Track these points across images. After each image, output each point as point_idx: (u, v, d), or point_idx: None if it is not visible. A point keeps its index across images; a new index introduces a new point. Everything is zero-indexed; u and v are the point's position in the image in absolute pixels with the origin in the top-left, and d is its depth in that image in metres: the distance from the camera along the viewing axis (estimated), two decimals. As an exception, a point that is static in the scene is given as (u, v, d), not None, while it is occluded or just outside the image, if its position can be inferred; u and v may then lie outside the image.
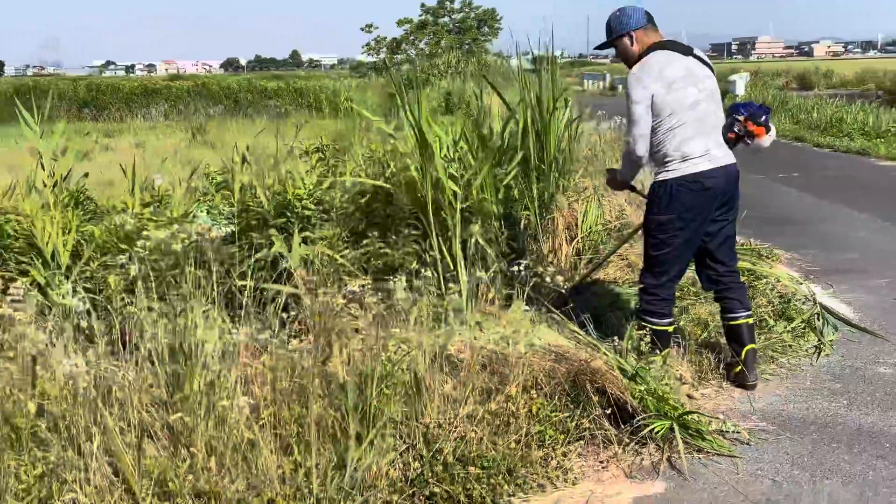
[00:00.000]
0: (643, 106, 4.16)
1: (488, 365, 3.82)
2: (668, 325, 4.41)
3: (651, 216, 4.35)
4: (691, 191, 4.16)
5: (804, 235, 8.09)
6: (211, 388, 3.11)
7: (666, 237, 4.28)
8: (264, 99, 36.58)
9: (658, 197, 4.27)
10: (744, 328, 4.46)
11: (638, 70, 4.24)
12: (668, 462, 3.65)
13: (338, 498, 3.07)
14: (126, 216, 4.58)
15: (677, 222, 4.23)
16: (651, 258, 4.41)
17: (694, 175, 4.15)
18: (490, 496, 3.29)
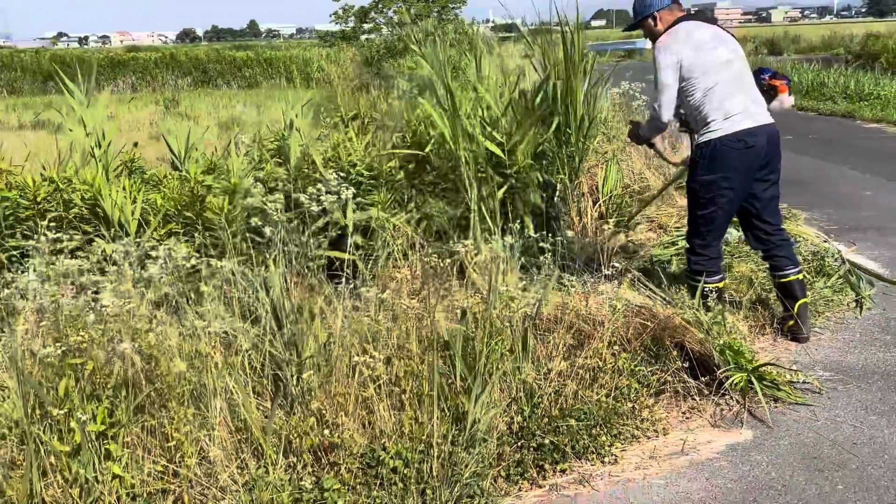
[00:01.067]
0: (671, 71, 4.27)
1: (574, 323, 3.93)
2: (718, 281, 4.49)
3: (696, 177, 4.41)
4: (735, 149, 4.23)
5: (814, 195, 8.28)
6: (329, 346, 3.18)
7: (711, 196, 4.36)
8: (234, 69, 36.09)
9: (703, 158, 4.35)
10: (795, 284, 4.57)
11: (664, 37, 4.36)
12: (749, 412, 3.79)
13: (456, 450, 3.16)
14: (189, 183, 4.58)
15: (722, 182, 4.30)
16: (697, 218, 4.48)
17: (736, 133, 4.22)
18: (594, 446, 3.41)
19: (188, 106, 22.22)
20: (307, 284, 3.51)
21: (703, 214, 4.44)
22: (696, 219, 4.50)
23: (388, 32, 37.95)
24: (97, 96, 5.35)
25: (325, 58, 34.62)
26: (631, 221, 6.10)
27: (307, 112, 5.86)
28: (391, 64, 19.82)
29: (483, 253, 3.73)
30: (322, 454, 3.09)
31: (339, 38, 43.88)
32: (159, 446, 2.88)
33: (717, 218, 4.43)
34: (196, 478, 2.86)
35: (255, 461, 3.00)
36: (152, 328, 2.78)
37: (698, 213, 4.47)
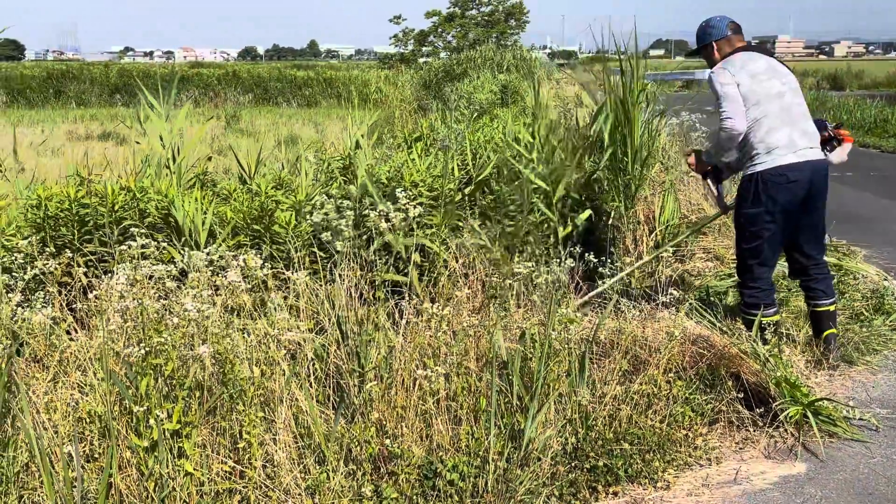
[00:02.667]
0: (732, 87, 4.33)
1: (631, 349, 3.98)
2: (773, 314, 4.56)
3: (741, 211, 4.50)
4: (777, 184, 4.31)
5: (875, 233, 8.19)
6: (390, 360, 3.28)
7: (756, 230, 4.44)
8: (294, 88, 36.73)
9: (747, 191, 4.43)
10: (824, 315, 4.69)
11: (721, 63, 4.50)
12: (803, 445, 3.79)
13: (511, 467, 3.23)
14: (258, 198, 4.75)
15: (765, 216, 4.38)
16: (745, 252, 4.56)
17: (779, 168, 4.31)
18: (646, 471, 3.45)
19: (248, 122, 22.71)
20: (370, 299, 3.62)
21: (749, 248, 4.53)
22: (743, 252, 4.58)
23: (446, 56, 38.41)
24: (176, 111, 5.57)
25: (383, 79, 35.07)
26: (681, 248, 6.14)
27: (371, 132, 6.01)
28: (450, 87, 20.06)
29: (542, 275, 3.81)
30: (381, 463, 3.19)
31: (397, 61, 44.58)
32: (228, 447, 3.00)
33: (763, 251, 4.49)
34: (261, 479, 2.97)
35: (317, 467, 3.10)
36: (228, 333, 2.91)
37: (744, 246, 4.56)
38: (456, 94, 16.43)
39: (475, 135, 6.93)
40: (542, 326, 3.46)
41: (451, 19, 44.47)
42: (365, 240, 4.65)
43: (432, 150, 6.83)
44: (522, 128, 6.75)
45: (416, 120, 15.98)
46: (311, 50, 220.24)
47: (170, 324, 2.85)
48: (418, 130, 6.71)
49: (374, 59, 64.19)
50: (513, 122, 7.27)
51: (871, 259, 7.18)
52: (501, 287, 3.60)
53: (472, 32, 43.47)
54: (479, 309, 3.69)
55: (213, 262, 3.45)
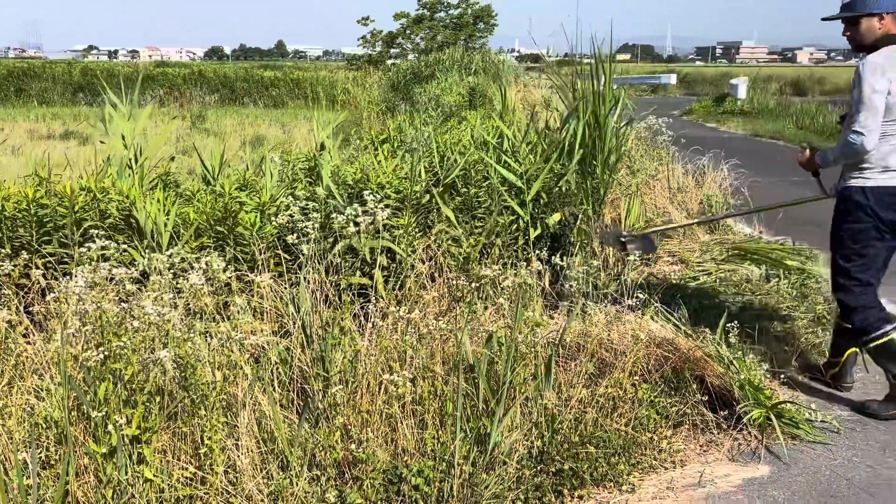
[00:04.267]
0: (882, 97, 3.84)
1: (597, 352, 3.98)
2: (892, 331, 4.05)
3: (844, 225, 4.09)
4: (884, 203, 3.96)
5: (836, 237, 8.28)
6: (355, 364, 3.25)
7: (859, 248, 4.05)
8: (260, 88, 36.52)
9: (854, 204, 4.02)
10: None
11: (878, 57, 3.90)
12: (766, 448, 3.82)
13: (476, 471, 3.22)
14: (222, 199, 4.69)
15: (873, 232, 4.01)
16: (845, 271, 4.13)
17: (890, 188, 3.95)
18: (612, 474, 3.45)
19: (214, 122, 22.51)
20: (336, 302, 3.58)
21: (849, 267, 4.11)
22: (844, 272, 4.14)
23: (414, 58, 38.36)
24: (140, 110, 5.49)
25: (351, 80, 34.98)
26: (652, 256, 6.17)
27: (337, 134, 5.97)
28: (418, 89, 20.02)
29: (509, 278, 3.79)
30: (346, 468, 3.15)
31: (365, 62, 44.46)
32: (189, 453, 2.95)
33: (866, 268, 4.08)
34: (223, 485, 2.92)
35: (281, 472, 3.06)
36: (189, 337, 2.86)
37: (845, 265, 4.13)
38: (424, 97, 16.40)
39: (443, 137, 6.92)
40: (508, 330, 3.45)
41: (419, 21, 44.45)
42: (330, 242, 4.62)
43: (399, 151, 6.80)
44: (504, 125, 6.75)
45: (384, 121, 15.93)
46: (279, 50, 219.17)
47: (130, 327, 2.79)
48: (385, 132, 6.67)
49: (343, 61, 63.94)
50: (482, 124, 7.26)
51: (833, 262, 7.28)
52: (468, 289, 3.59)
53: (440, 35, 43.50)
54: (446, 312, 3.67)
55: (174, 265, 3.39)
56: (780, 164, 13.90)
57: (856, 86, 3.90)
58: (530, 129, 6.46)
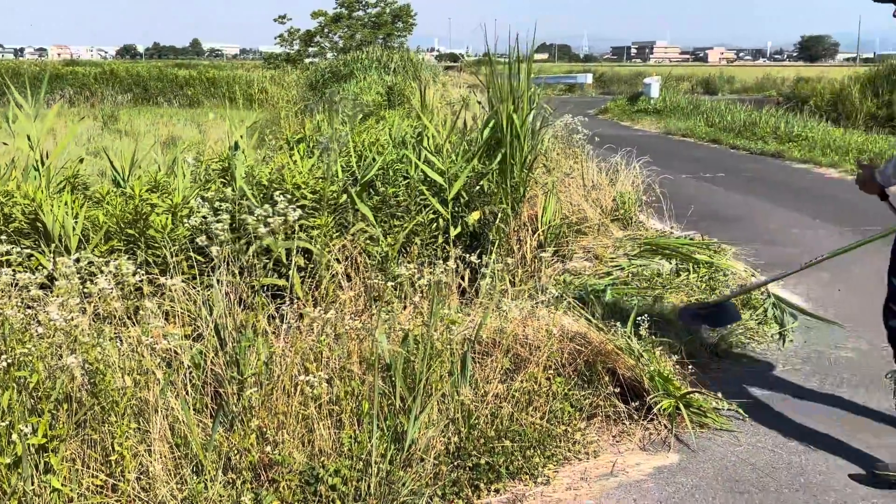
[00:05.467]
0: None
1: (512, 347, 4.05)
2: None
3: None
4: None
5: (744, 231, 8.59)
6: (271, 365, 3.24)
7: None
8: (175, 87, 35.78)
9: None
10: None
11: None
12: (676, 437, 3.95)
13: (394, 469, 3.24)
14: (133, 201, 4.60)
15: None
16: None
17: None
18: (527, 467, 3.52)
19: (127, 122, 21.96)
20: (250, 304, 3.56)
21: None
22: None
23: (333, 57, 38.14)
24: (47, 110, 5.34)
25: (269, 79, 34.57)
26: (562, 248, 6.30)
27: (252, 133, 5.91)
28: (336, 88, 19.95)
29: (425, 276, 3.83)
30: (262, 471, 3.14)
31: (283, 61, 44.04)
32: (99, 460, 2.90)
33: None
34: (135, 492, 2.88)
35: (195, 477, 3.02)
36: (98, 342, 2.81)
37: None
38: (342, 96, 16.34)
39: (361, 136, 6.91)
40: (424, 328, 3.48)
41: (337, 20, 44.26)
42: (244, 243, 4.57)
43: (316, 151, 6.77)
44: (429, 123, 6.78)
45: (302, 121, 15.81)
46: (194, 49, 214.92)
47: (34, 333, 2.72)
48: (301, 132, 6.63)
49: (260, 59, 63.09)
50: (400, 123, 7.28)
51: (740, 256, 7.54)
52: (385, 288, 3.61)
53: (358, 34, 43.43)
54: (363, 311, 3.69)
55: (81, 269, 3.31)
56: (690, 162, 14.32)
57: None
58: (454, 127, 6.50)
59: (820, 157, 14.06)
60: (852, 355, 5.08)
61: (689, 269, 6.43)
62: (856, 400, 4.40)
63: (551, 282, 6.17)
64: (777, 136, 16.59)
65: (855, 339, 5.34)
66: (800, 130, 16.43)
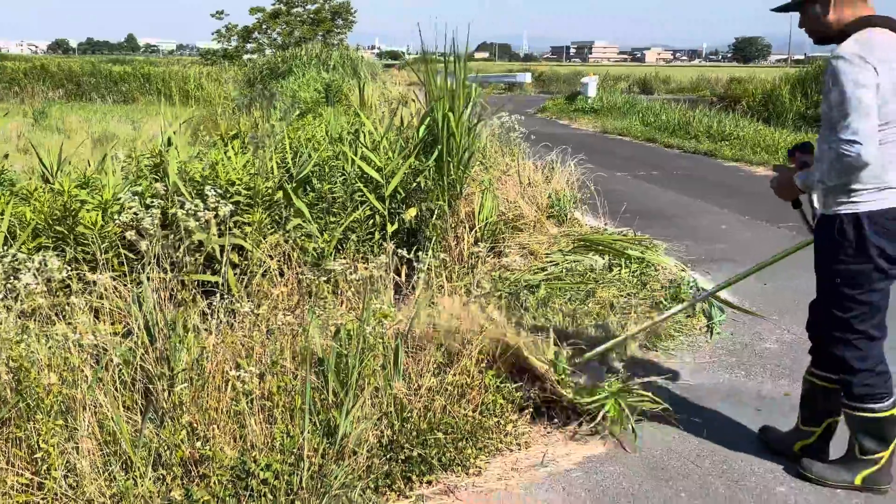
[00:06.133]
0: (872, 92, 2.99)
1: (445, 341, 4.09)
2: (890, 408, 3.31)
3: (835, 267, 3.24)
4: (887, 230, 3.15)
5: (676, 228, 8.79)
6: (202, 361, 3.23)
7: (858, 293, 3.22)
8: (109, 83, 35.04)
9: (846, 240, 3.19)
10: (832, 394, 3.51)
11: (854, 45, 3.07)
12: (603, 429, 4.04)
13: (326, 462, 3.26)
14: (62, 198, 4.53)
15: (874, 273, 3.18)
16: (842, 323, 3.28)
17: (893, 210, 3.15)
18: (459, 458, 3.57)
19: (59, 119, 21.47)
20: (181, 300, 3.54)
21: (848, 318, 3.26)
22: (841, 323, 3.29)
23: (271, 53, 37.78)
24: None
25: (205, 76, 34.10)
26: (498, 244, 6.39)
27: (186, 129, 5.86)
28: (275, 85, 19.78)
29: (359, 271, 3.85)
30: (192, 466, 3.13)
31: (221, 57, 43.45)
32: (25, 459, 2.86)
33: (871, 318, 3.27)
34: (62, 490, 2.85)
35: (124, 474, 3.00)
36: (23, 339, 2.77)
37: (842, 315, 3.27)
38: (280, 92, 16.22)
39: (296, 132, 6.89)
40: (357, 322, 3.51)
41: (276, 16, 43.85)
42: (177, 239, 4.54)
43: (251, 147, 6.73)
44: (367, 120, 6.79)
45: (239, 118, 15.66)
46: (129, 44, 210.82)
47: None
48: (236, 128, 6.59)
49: (197, 56, 62.13)
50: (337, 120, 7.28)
51: (672, 252, 7.71)
52: (318, 283, 3.62)
53: (297, 30, 43.09)
54: (296, 307, 3.69)
55: (6, 266, 3.26)
56: (625, 160, 14.58)
57: (832, 85, 3.06)
58: (391, 124, 6.53)
59: (751, 155, 14.43)
60: (776, 347, 5.25)
61: (622, 264, 6.57)
62: (779, 389, 4.56)
63: (487, 278, 6.24)
64: (710, 136, 16.98)
65: (780, 331, 5.52)
66: (732, 130, 16.84)
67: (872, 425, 3.32)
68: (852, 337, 3.27)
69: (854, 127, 2.96)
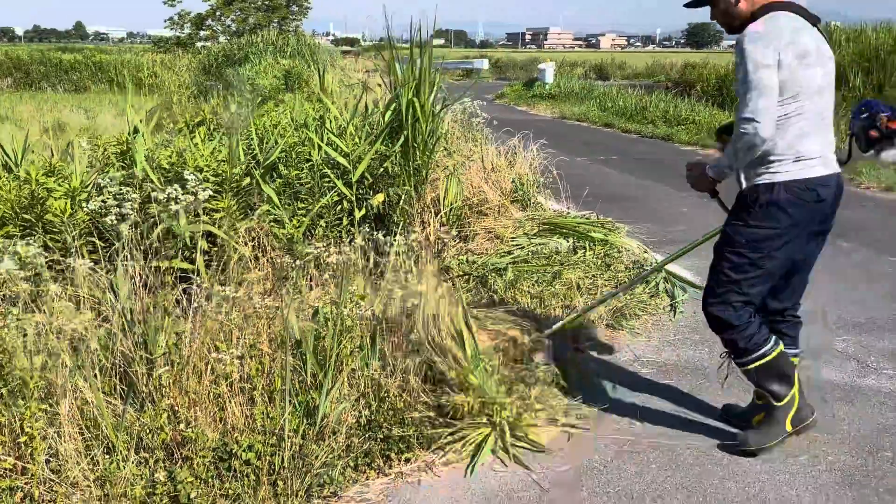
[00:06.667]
0: (772, 71, 3.12)
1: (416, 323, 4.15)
2: (774, 346, 3.51)
3: (743, 229, 3.39)
4: (801, 200, 3.28)
5: (637, 211, 8.95)
6: (180, 345, 3.25)
7: (758, 257, 3.38)
8: (59, 72, 34.40)
9: (757, 205, 3.34)
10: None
11: (763, 27, 3.20)
12: (576, 403, 4.14)
13: (306, 443, 3.31)
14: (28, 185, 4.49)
15: (776, 240, 3.34)
16: (732, 283, 3.45)
17: (807, 181, 3.27)
18: (436, 436, 3.65)
19: (9, 108, 21.06)
20: (155, 285, 3.56)
21: (739, 279, 3.43)
22: (730, 282, 3.46)
23: (225, 41, 37.34)
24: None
25: (159, 64, 33.62)
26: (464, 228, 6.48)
27: (151, 117, 5.83)
28: (231, 72, 19.60)
29: (333, 255, 3.90)
30: (175, 449, 3.16)
31: (174, 45, 42.79)
32: (8, 444, 2.86)
33: (757, 283, 3.45)
34: (46, 475, 2.86)
35: (107, 458, 3.03)
36: (7, 324, 2.78)
37: (734, 276, 3.44)
38: (237, 79, 16.09)
39: (261, 119, 6.88)
40: (334, 305, 3.55)
41: (230, 2, 43.25)
42: (150, 226, 4.53)
43: (216, 134, 6.70)
44: (332, 106, 6.79)
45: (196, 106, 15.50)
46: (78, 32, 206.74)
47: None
48: (200, 115, 6.56)
49: (149, 43, 61.11)
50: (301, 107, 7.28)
51: (634, 234, 7.84)
52: (294, 267, 3.66)
53: (252, 17, 42.60)
54: (272, 291, 3.73)
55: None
56: (585, 145, 14.74)
57: (739, 65, 3.19)
58: (356, 110, 6.56)
59: (707, 139, 14.68)
60: (737, 324, 5.40)
61: (586, 246, 6.69)
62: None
63: (455, 261, 6.32)
64: (666, 120, 17.22)
65: (739, 308, 5.67)
66: (687, 114, 17.10)
67: (769, 369, 3.50)
68: (735, 298, 3.44)
69: (752, 105, 3.10)
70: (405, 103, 6.44)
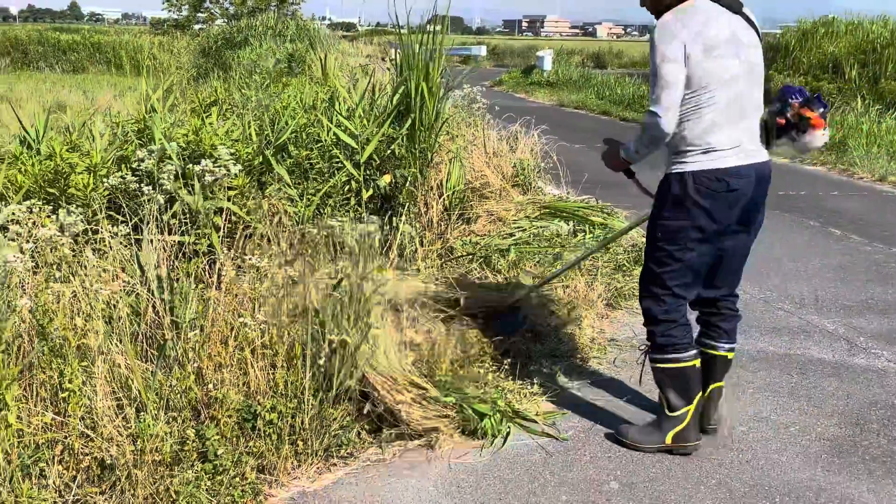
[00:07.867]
0: (678, 66, 3.14)
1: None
2: (692, 358, 3.51)
3: (658, 221, 3.40)
4: (713, 192, 3.25)
5: (633, 196, 9.08)
6: (206, 311, 3.44)
7: (675, 249, 3.36)
8: (57, 52, 34.40)
9: (669, 195, 3.33)
10: (719, 361, 3.69)
11: (672, 19, 3.22)
12: (578, 376, 4.34)
13: (325, 407, 3.50)
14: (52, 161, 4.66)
15: (692, 232, 3.31)
16: (654, 276, 3.47)
17: (719, 172, 3.24)
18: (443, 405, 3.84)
19: (7, 88, 21.12)
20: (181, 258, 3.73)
21: (661, 272, 3.43)
22: (653, 276, 3.48)
23: (223, 23, 37.29)
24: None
25: (157, 45, 33.62)
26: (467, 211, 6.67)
27: (168, 97, 5.99)
28: (231, 55, 19.68)
29: (348, 232, 4.07)
30: (202, 409, 3.34)
31: (171, 27, 42.73)
32: (47, 399, 3.04)
33: (678, 276, 3.42)
34: (82, 429, 3.04)
35: (138, 417, 3.20)
36: (50, 286, 2.95)
37: (655, 269, 3.45)
38: (237, 63, 16.20)
39: (273, 101, 7.04)
40: (355, 276, 3.72)
41: (228, -16, 43.18)
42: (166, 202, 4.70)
43: (228, 115, 6.86)
44: (342, 89, 6.96)
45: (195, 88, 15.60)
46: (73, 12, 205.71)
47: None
48: (214, 95, 6.72)
49: (145, 24, 60.97)
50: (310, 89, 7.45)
51: (631, 218, 8.03)
52: (315, 240, 3.83)
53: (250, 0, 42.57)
54: (293, 261, 3.90)
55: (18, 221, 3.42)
56: (584, 132, 14.91)
57: (650, 55, 3.24)
58: (365, 93, 6.72)
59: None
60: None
61: (586, 229, 6.89)
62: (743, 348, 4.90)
63: (458, 242, 6.50)
64: (664, 109, 17.37)
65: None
66: (684, 104, 17.25)
67: (675, 377, 3.50)
68: (660, 291, 3.44)
69: (659, 100, 3.17)
70: (413, 86, 6.60)
